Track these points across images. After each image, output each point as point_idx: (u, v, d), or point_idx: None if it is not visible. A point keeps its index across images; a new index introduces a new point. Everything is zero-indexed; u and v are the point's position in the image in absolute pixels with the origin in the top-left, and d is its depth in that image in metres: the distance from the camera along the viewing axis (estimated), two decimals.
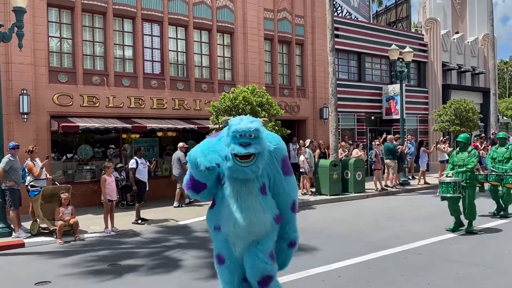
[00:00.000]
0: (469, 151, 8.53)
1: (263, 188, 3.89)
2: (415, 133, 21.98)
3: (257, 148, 3.67)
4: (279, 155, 3.96)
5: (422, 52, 22.67)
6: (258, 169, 3.74)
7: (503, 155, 9.77)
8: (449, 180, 8.28)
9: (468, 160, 8.38)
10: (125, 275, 6.32)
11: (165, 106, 13.79)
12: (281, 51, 17.10)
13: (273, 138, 4.02)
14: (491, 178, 9.61)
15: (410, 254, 7.06)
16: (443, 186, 8.30)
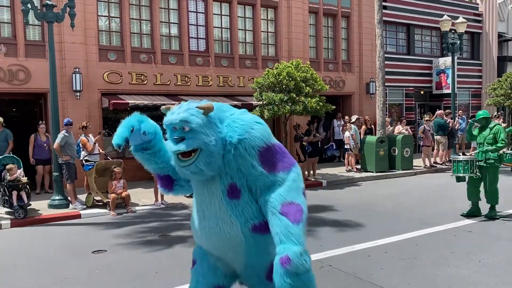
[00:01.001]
0: (491, 127, 7.58)
1: (231, 191, 3.01)
2: (467, 108, 21.06)
3: (189, 144, 2.90)
4: (250, 147, 2.96)
5: (476, 23, 21.44)
6: (201, 170, 2.93)
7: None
8: (461, 158, 7.67)
9: (490, 138, 7.41)
10: (175, 245, 6.58)
11: (210, 83, 13.93)
12: (326, 24, 16.71)
13: (240, 126, 3.02)
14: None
15: (460, 232, 6.88)
16: (455, 164, 7.62)
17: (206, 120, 2.95)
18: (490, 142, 7.42)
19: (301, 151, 11.92)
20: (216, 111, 3.06)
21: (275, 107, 11.22)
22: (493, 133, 7.44)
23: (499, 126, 7.56)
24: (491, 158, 7.41)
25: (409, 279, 4.97)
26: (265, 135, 3.04)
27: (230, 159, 2.98)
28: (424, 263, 5.47)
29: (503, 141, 7.36)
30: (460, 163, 7.52)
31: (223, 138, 2.98)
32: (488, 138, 7.46)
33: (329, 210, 8.79)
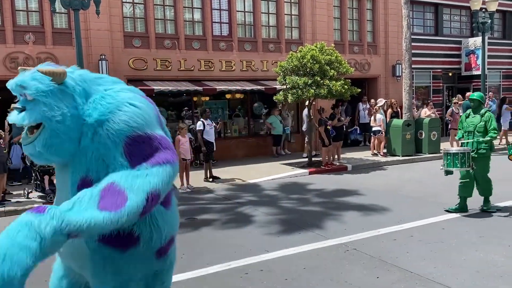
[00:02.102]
0: (481, 114, 6.83)
1: (81, 186, 2.23)
2: (497, 90, 20.42)
3: (25, 117, 2.22)
4: (114, 134, 2.23)
5: (508, 1, 20.60)
6: (39, 154, 2.28)
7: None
8: (455, 151, 6.78)
9: (481, 126, 6.75)
10: (202, 228, 6.70)
11: (233, 68, 13.92)
12: (351, 5, 16.38)
13: (106, 103, 2.28)
14: None
15: (489, 216, 6.76)
16: (449, 157, 6.72)
17: (56, 89, 2.23)
18: (481, 131, 6.77)
19: (326, 135, 11.84)
20: (86, 81, 2.36)
21: (299, 91, 11.15)
22: (484, 121, 6.77)
23: (490, 113, 6.89)
24: (482, 148, 6.80)
25: (436, 263, 4.93)
26: (138, 121, 2.25)
27: (88, 146, 2.27)
28: (451, 247, 5.42)
29: (495, 130, 6.77)
30: (456, 156, 6.66)
31: (80, 117, 2.27)
32: (479, 126, 6.79)
33: (354, 194, 8.75)
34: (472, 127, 6.86)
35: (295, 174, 11.24)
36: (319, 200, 8.38)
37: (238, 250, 5.61)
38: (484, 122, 6.78)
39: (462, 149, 6.76)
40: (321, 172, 11.50)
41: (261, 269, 4.93)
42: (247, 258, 5.27)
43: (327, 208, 7.65)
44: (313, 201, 8.38)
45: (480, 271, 4.67)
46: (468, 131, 6.91)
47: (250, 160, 13.55)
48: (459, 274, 4.59)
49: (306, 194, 8.98)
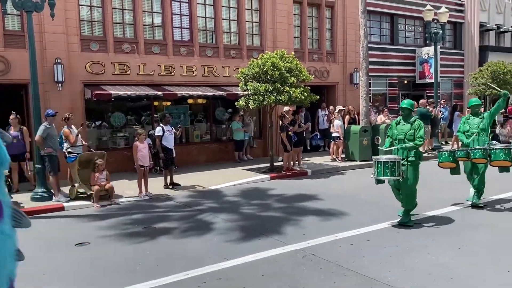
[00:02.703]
0: (411, 121, 6.74)
1: None
2: (449, 97, 21.36)
3: None
4: None
5: (458, 13, 21.65)
6: None
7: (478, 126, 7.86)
8: (385, 159, 6.48)
9: (411, 134, 6.64)
10: (159, 237, 6.59)
11: (195, 73, 13.85)
12: (310, 14, 16.70)
13: None
14: (477, 154, 7.36)
15: (439, 220, 7.03)
16: (379, 166, 6.50)
17: None
18: (411, 139, 6.63)
19: (287, 141, 11.97)
20: None
21: (260, 97, 11.22)
22: (414, 129, 6.65)
23: (419, 121, 6.78)
24: (411, 156, 6.64)
25: (390, 266, 5.07)
26: None
27: None
28: (405, 251, 5.59)
29: (421, 138, 6.63)
30: (386, 165, 6.44)
31: None
32: (409, 134, 6.66)
33: (313, 199, 8.88)
34: (402, 135, 6.73)
35: (257, 179, 11.28)
36: (280, 206, 8.44)
37: (196, 258, 5.55)
38: (413, 130, 6.66)
39: (392, 158, 6.51)
40: (282, 177, 11.60)
41: (220, 278, 4.90)
42: (205, 266, 5.23)
43: (287, 213, 7.72)
44: (273, 206, 8.43)
45: (432, 273, 4.84)
46: (399, 138, 6.78)
47: (212, 166, 13.49)
48: (412, 277, 4.74)
49: (267, 200, 9.02)
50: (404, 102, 6.99)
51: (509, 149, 7.20)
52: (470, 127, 7.86)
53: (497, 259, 5.21)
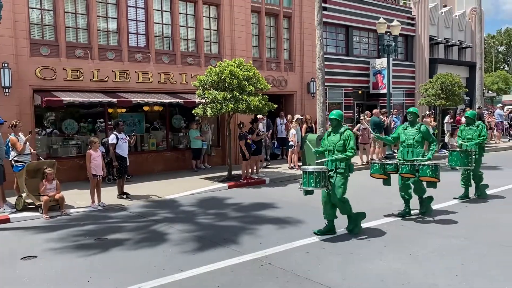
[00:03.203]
0: (341, 132, 6.63)
1: None
2: (401, 107, 22.13)
3: None
4: None
5: (409, 26, 22.58)
6: None
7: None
8: (311, 169, 6.37)
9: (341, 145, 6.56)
10: (112, 249, 6.36)
11: (151, 80, 13.61)
12: (268, 24, 16.87)
13: None
14: (405, 169, 7.38)
15: (393, 226, 7.21)
16: (305, 176, 6.40)
17: None
18: (340, 150, 6.55)
19: (246, 149, 11.96)
20: None
21: (218, 105, 11.17)
22: (343, 139, 6.56)
23: (349, 132, 6.66)
24: (340, 167, 6.54)
25: (345, 273, 5.13)
26: None
27: None
28: (359, 258, 5.68)
29: (352, 149, 6.52)
30: (311, 175, 6.34)
31: None
32: (338, 145, 6.57)
33: (270, 207, 8.89)
34: (332, 146, 6.64)
35: (214, 188, 11.18)
36: (237, 215, 8.39)
37: (150, 270, 5.40)
38: (343, 141, 6.56)
39: (318, 168, 6.40)
40: (240, 186, 11.56)
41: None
42: (159, 278, 5.08)
43: (244, 223, 7.68)
44: (230, 215, 8.37)
45: (385, 279, 4.94)
46: (328, 149, 6.68)
47: (168, 174, 13.25)
48: (365, 284, 4.82)
49: (224, 209, 8.94)
50: (333, 112, 6.83)
51: (436, 166, 7.19)
52: (406, 137, 7.82)
53: (446, 264, 5.39)
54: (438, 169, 7.20)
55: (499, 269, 5.17)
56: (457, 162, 8.59)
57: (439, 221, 7.51)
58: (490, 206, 8.60)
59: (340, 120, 6.75)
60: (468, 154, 8.58)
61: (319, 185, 6.35)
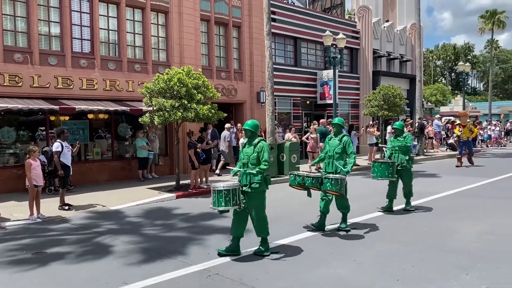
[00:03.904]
0: (254, 144, 6.18)
1: None
2: (347, 117, 22.83)
3: None
4: None
5: (354, 39, 23.43)
6: None
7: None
8: (222, 187, 5.87)
9: (255, 158, 6.11)
10: (51, 263, 6.04)
11: (96, 87, 13.18)
12: (218, 33, 16.90)
13: None
14: (308, 181, 7.12)
15: (340, 234, 7.37)
16: (215, 195, 5.91)
17: None
18: (254, 163, 6.05)
19: (195, 158, 11.83)
20: None
21: (166, 113, 11.00)
22: (257, 152, 6.09)
23: (263, 143, 6.16)
24: (255, 181, 6.02)
25: (291, 281, 5.17)
26: None
27: None
28: (305, 265, 5.75)
29: (266, 162, 6.01)
30: (221, 194, 5.85)
31: None
32: (252, 158, 6.10)
33: (219, 217, 8.78)
34: (246, 159, 6.17)
35: (162, 198, 10.94)
36: (185, 225, 8.25)
37: (92, 284, 5.17)
38: (257, 153, 6.09)
39: (228, 186, 5.91)
40: (189, 196, 11.40)
41: None
42: None
43: (192, 233, 7.56)
44: (178, 226, 8.21)
45: (331, 285, 5.02)
46: (243, 162, 6.20)
47: (114, 185, 12.84)
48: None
49: (171, 219, 8.77)
50: (247, 123, 6.38)
51: (337, 180, 6.93)
52: (329, 148, 7.58)
53: (388, 269, 5.58)
54: (339, 182, 6.91)
55: (437, 272, 5.42)
56: (378, 173, 8.58)
57: (385, 227, 7.77)
58: (428, 212, 9.02)
59: (254, 131, 6.27)
60: (389, 166, 8.53)
61: (229, 203, 5.87)
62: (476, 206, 9.43)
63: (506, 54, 74.14)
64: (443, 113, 39.93)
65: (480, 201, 9.97)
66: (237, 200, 5.95)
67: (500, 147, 27.56)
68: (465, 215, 8.61)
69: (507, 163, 18.12)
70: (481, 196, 10.63)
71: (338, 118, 7.87)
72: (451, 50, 73.69)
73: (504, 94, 71.81)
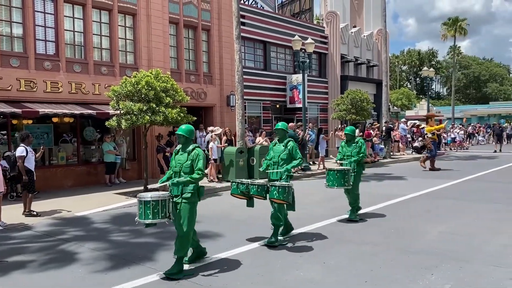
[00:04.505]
0: (188, 151, 5.65)
1: None
2: (316, 121, 23.12)
3: None
4: None
5: (323, 44, 23.78)
6: None
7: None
8: (149, 198, 5.33)
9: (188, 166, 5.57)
10: (13, 272, 5.80)
11: (61, 89, 12.83)
12: (187, 35, 16.78)
13: None
14: (253, 190, 6.74)
15: (309, 236, 7.43)
16: (141, 206, 5.38)
17: None
18: (187, 171, 5.60)
19: (164, 163, 11.67)
20: None
21: (134, 117, 10.81)
22: (191, 159, 5.59)
23: (198, 150, 5.66)
24: (187, 191, 5.52)
25: (262, 285, 5.16)
26: None
27: None
28: (275, 269, 5.75)
29: (200, 171, 5.54)
30: (148, 205, 5.32)
31: None
32: (185, 166, 5.59)
33: None
34: (179, 167, 5.65)
35: (129, 204, 10.73)
36: (153, 231, 8.09)
37: None
38: (190, 161, 5.59)
39: (156, 196, 5.38)
40: None
41: None
42: None
43: (161, 239, 7.44)
44: (146, 232, 8.06)
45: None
46: (175, 171, 5.70)
47: (80, 190, 12.52)
48: None
49: (139, 225, 8.57)
50: (181, 128, 5.83)
51: (284, 188, 6.48)
52: (274, 155, 7.07)
53: (356, 270, 5.65)
54: (286, 190, 6.48)
55: (404, 273, 5.53)
56: (333, 182, 8.04)
57: (353, 229, 7.88)
58: (394, 214, 9.22)
59: (188, 137, 5.74)
60: (344, 174, 7.98)
61: (157, 216, 5.33)
62: (441, 208, 9.70)
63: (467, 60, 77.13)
64: (409, 117, 41.02)
65: (444, 203, 10.28)
66: (166, 212, 5.40)
67: (463, 150, 28.54)
68: (430, 216, 8.85)
69: (469, 166, 18.76)
70: (446, 198, 10.96)
71: (281, 123, 7.33)
72: (416, 55, 75.98)
73: (466, 98, 74.57)
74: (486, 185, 12.90)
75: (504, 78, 76.59)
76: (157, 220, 5.39)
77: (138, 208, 5.41)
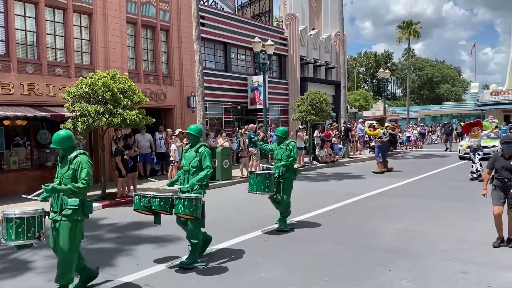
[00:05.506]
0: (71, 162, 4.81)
1: None
2: (277, 122, 23.30)
3: None
4: None
5: (282, 46, 24.02)
6: None
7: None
8: (12, 215, 4.54)
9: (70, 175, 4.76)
10: None
11: (12, 91, 12.28)
12: (145, 36, 16.49)
13: None
14: (155, 204, 5.83)
15: (271, 236, 7.47)
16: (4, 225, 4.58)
17: None
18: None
19: (122, 166, 11.40)
20: None
21: (90, 119, 10.50)
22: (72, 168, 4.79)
23: (82, 157, 4.88)
24: (68, 207, 4.69)
25: (224, 287, 5.15)
26: None
27: None
28: (238, 271, 5.75)
29: (85, 180, 4.66)
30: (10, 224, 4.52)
31: None
32: (66, 176, 4.79)
33: (149, 226, 8.52)
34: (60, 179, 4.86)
35: None
36: (112, 236, 7.91)
37: None
38: (72, 170, 4.80)
39: (22, 212, 4.55)
40: (116, 205, 10.95)
41: None
42: None
43: (120, 244, 7.27)
44: (105, 237, 7.86)
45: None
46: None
47: None
48: None
49: (97, 231, 8.36)
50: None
51: (191, 200, 5.64)
52: (185, 162, 6.18)
53: (317, 269, 5.74)
54: (193, 203, 5.62)
55: (363, 270, 5.66)
56: (253, 186, 7.34)
57: (314, 229, 7.99)
58: (353, 213, 9.43)
59: (68, 146, 4.93)
60: (265, 178, 7.31)
61: (22, 237, 4.50)
62: (397, 205, 10.01)
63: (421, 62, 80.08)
64: (366, 117, 42.08)
65: (401, 201, 10.61)
66: (34, 232, 4.53)
67: (418, 149, 29.58)
68: (387, 214, 9.12)
69: (424, 164, 19.48)
70: (401, 196, 11.32)
71: (195, 125, 6.39)
72: (373, 57, 78.18)
73: (420, 99, 77.42)
74: (439, 183, 13.44)
75: (455, 79, 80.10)
76: (19, 242, 4.49)
77: (2, 226, 4.51)
